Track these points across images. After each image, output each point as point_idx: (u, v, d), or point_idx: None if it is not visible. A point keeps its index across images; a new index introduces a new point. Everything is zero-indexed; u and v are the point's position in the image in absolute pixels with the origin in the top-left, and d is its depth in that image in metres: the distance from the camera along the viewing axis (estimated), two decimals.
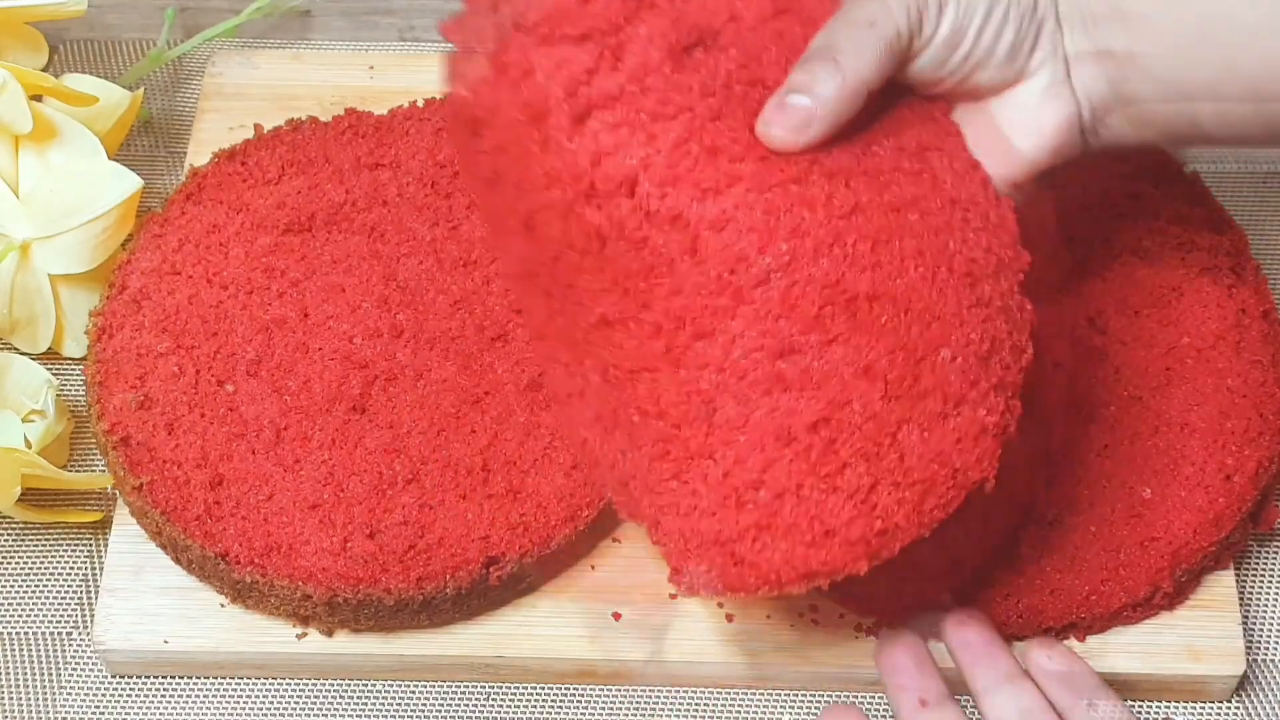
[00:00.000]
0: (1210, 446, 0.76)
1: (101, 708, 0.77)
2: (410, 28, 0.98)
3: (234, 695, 0.77)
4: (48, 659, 0.79)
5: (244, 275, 0.81)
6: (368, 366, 0.78)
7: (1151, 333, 0.79)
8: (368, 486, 0.75)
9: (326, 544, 0.74)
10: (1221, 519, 0.75)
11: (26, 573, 0.81)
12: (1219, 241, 0.81)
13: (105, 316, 0.80)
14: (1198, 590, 0.76)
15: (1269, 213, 0.91)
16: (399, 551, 0.74)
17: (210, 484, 0.75)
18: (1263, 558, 0.81)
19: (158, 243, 0.82)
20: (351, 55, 0.95)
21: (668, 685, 0.77)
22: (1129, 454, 0.76)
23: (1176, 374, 0.78)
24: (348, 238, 0.82)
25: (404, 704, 0.77)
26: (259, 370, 0.78)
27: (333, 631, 0.76)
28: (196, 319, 0.80)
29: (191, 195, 0.84)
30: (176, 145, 0.94)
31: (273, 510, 0.75)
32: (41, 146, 0.83)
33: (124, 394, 0.77)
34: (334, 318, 0.80)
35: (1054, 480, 0.76)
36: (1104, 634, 0.75)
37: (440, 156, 0.85)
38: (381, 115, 0.87)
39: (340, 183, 0.84)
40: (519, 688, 0.77)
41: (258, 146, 0.85)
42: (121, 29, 0.98)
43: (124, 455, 0.76)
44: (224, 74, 0.93)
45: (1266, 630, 0.79)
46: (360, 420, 0.77)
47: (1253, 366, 0.78)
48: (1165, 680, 0.75)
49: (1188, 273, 0.81)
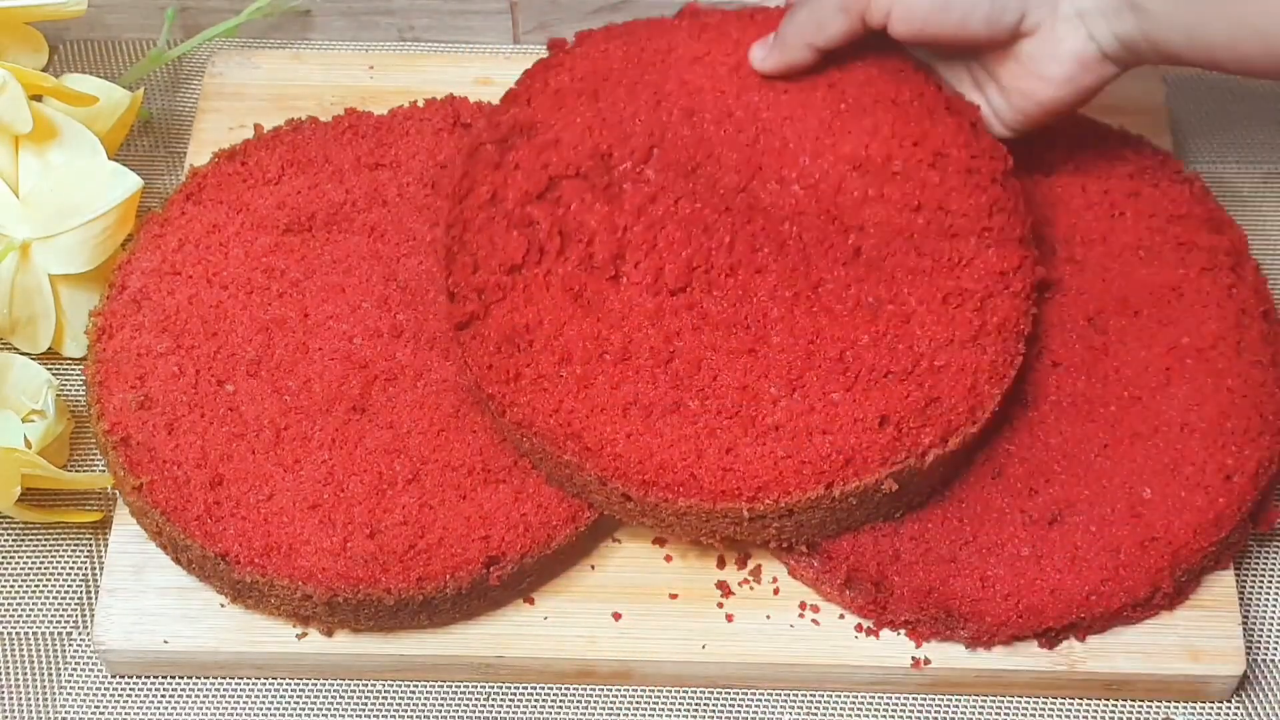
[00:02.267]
0: (1210, 446, 0.76)
1: (101, 708, 0.77)
2: (410, 28, 0.98)
3: (234, 695, 0.77)
4: (48, 659, 0.79)
5: (244, 275, 0.81)
6: (368, 366, 0.78)
7: (1151, 333, 0.79)
8: (368, 486, 0.75)
9: (326, 544, 0.74)
10: (1221, 519, 0.75)
11: (26, 573, 0.81)
12: (1219, 241, 0.81)
13: (105, 316, 0.80)
14: (1198, 590, 0.76)
15: (1269, 213, 0.91)
16: (399, 551, 0.74)
17: (210, 484, 0.75)
18: (1263, 558, 0.81)
19: (158, 243, 0.82)
20: (351, 55, 0.95)
21: (668, 685, 0.77)
22: (1129, 454, 0.76)
23: (1176, 374, 0.78)
24: (348, 238, 0.82)
25: (404, 704, 0.77)
26: (259, 370, 0.78)
27: (333, 631, 0.76)
28: (196, 319, 0.80)
29: (191, 195, 0.84)
30: (176, 145, 0.94)
31: (273, 510, 0.75)
32: (41, 146, 0.83)
33: (124, 394, 0.77)
34: (334, 318, 0.80)
35: (1054, 480, 0.76)
36: (1104, 634, 0.75)
37: (440, 157, 0.85)
38: (381, 115, 0.87)
39: (340, 183, 0.84)
40: (519, 688, 0.77)
41: (258, 146, 0.85)
42: (121, 29, 0.98)
43: (124, 455, 0.76)
44: (224, 74, 0.93)
45: (1266, 630, 0.79)
46: (360, 420, 0.77)
47: (1253, 366, 0.78)
48: (1165, 680, 0.75)
49: (1188, 273, 0.81)
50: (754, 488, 0.71)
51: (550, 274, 0.76)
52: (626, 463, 0.72)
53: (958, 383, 0.74)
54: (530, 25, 0.97)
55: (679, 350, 0.74)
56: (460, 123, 0.86)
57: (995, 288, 0.76)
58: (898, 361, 0.74)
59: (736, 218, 0.77)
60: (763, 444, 0.72)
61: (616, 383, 0.73)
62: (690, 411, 0.73)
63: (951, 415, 0.73)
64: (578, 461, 0.72)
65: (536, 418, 0.73)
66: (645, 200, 0.77)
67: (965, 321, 0.75)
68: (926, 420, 0.73)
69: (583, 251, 0.76)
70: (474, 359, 0.75)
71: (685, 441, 0.72)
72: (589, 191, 0.77)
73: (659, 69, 0.82)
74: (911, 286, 0.76)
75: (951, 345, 0.74)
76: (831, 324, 0.75)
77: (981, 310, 0.75)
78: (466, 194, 0.78)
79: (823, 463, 0.72)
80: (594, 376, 0.74)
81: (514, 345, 0.74)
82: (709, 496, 0.71)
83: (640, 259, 0.76)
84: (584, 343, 0.74)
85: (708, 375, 0.74)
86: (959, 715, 0.76)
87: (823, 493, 0.71)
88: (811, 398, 0.73)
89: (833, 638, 0.76)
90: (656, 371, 0.74)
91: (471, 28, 0.97)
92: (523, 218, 0.77)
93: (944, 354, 0.74)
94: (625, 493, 0.72)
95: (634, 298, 0.75)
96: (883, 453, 0.72)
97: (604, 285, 0.76)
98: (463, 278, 0.76)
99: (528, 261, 0.76)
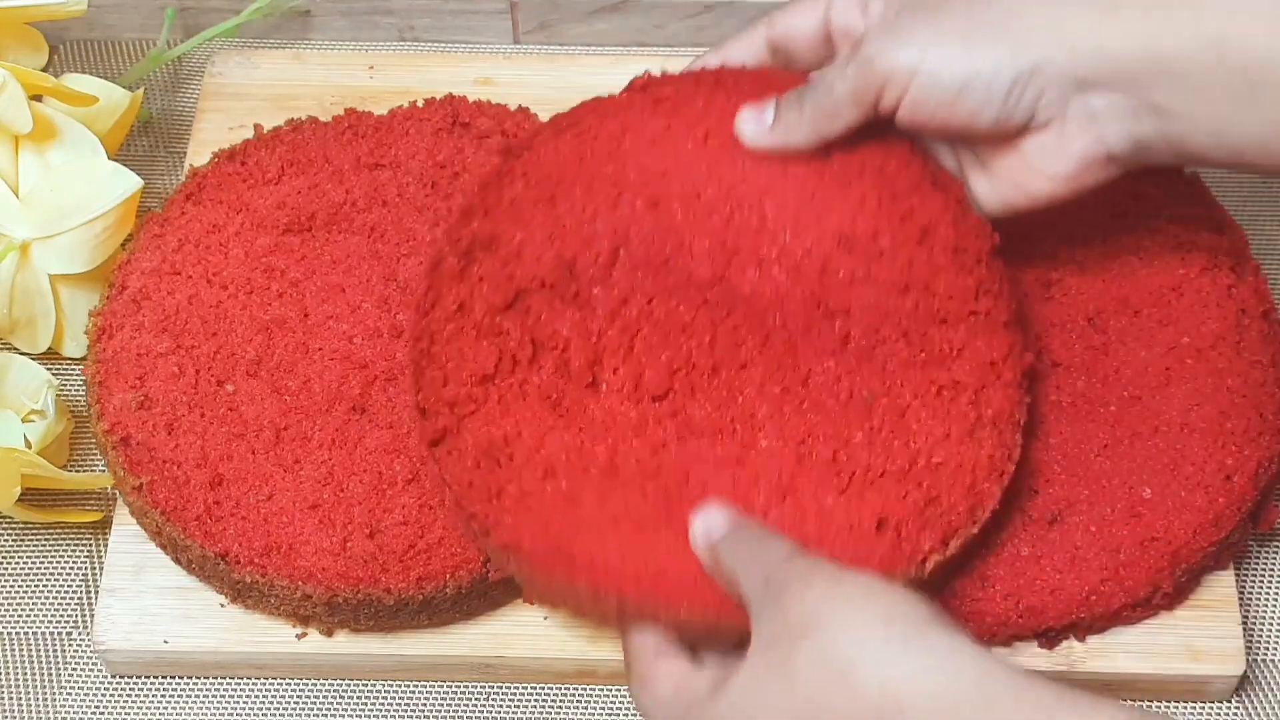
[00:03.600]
0: (1210, 446, 0.76)
1: (101, 708, 0.77)
2: (410, 28, 0.98)
3: (234, 695, 0.77)
4: (48, 659, 0.79)
5: (244, 275, 0.81)
6: (368, 366, 0.78)
7: (1151, 333, 0.79)
8: (368, 486, 0.75)
9: (326, 544, 0.74)
10: (1221, 519, 0.75)
11: (26, 573, 0.81)
12: (1219, 241, 0.81)
13: (105, 316, 0.80)
14: (1198, 590, 0.76)
15: (1269, 213, 0.91)
16: (399, 551, 0.74)
17: (210, 484, 0.75)
18: (1263, 558, 0.81)
19: (158, 243, 0.82)
20: (351, 55, 0.95)
21: None
22: (1129, 454, 0.76)
23: (1176, 374, 0.78)
24: (348, 238, 0.82)
25: (404, 704, 0.77)
26: (259, 370, 0.78)
27: (333, 631, 0.76)
28: (196, 319, 0.80)
29: (191, 195, 0.84)
30: (176, 145, 0.94)
31: (273, 510, 0.75)
32: (41, 146, 0.83)
33: (124, 394, 0.77)
34: (334, 318, 0.80)
35: (1054, 480, 0.76)
36: (1104, 634, 0.75)
37: (440, 157, 0.85)
38: (381, 115, 0.87)
39: (340, 183, 0.84)
40: (519, 688, 0.77)
41: (258, 146, 0.85)
42: (121, 29, 0.98)
43: (124, 455, 0.76)
44: (224, 74, 0.93)
45: (1266, 630, 0.79)
46: (360, 420, 0.77)
47: (1253, 366, 0.78)
48: (1165, 680, 0.75)
49: (1188, 273, 0.81)
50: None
51: (525, 383, 0.72)
52: (621, 576, 0.67)
53: (956, 480, 0.70)
54: (530, 25, 0.97)
55: (665, 463, 0.70)
56: (459, 122, 0.86)
57: (988, 379, 0.72)
58: (894, 460, 0.70)
59: (715, 311, 0.72)
60: None
61: (604, 498, 0.69)
62: (681, 527, 0.68)
63: (951, 516, 0.69)
64: (569, 579, 0.68)
65: (523, 539, 0.69)
66: (617, 304, 0.73)
67: (961, 415, 0.71)
68: (926, 523, 0.69)
69: (557, 359, 0.72)
70: (452, 476, 0.70)
71: (680, 555, 0.68)
72: (558, 300, 0.73)
73: (614, 159, 0.75)
74: (905, 378, 0.71)
75: (948, 440, 0.70)
76: (823, 421, 0.71)
77: (976, 403, 0.71)
78: (432, 307, 0.74)
79: None
80: (580, 491, 0.70)
81: (493, 460, 0.70)
82: (713, 611, 0.67)
83: (618, 365, 0.72)
84: (567, 455, 0.70)
85: (696, 489, 0.69)
86: None
87: None
88: (804, 505, 0.69)
89: None
90: (646, 486, 0.70)
91: (471, 28, 0.97)
92: (492, 327, 0.73)
93: (941, 450, 0.70)
94: (620, 605, 0.68)
95: (615, 406, 0.72)
96: (881, 563, 0.68)
97: (582, 393, 0.72)
98: (433, 392, 0.72)
99: (500, 371, 0.72)
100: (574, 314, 0.73)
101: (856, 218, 0.73)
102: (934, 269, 0.73)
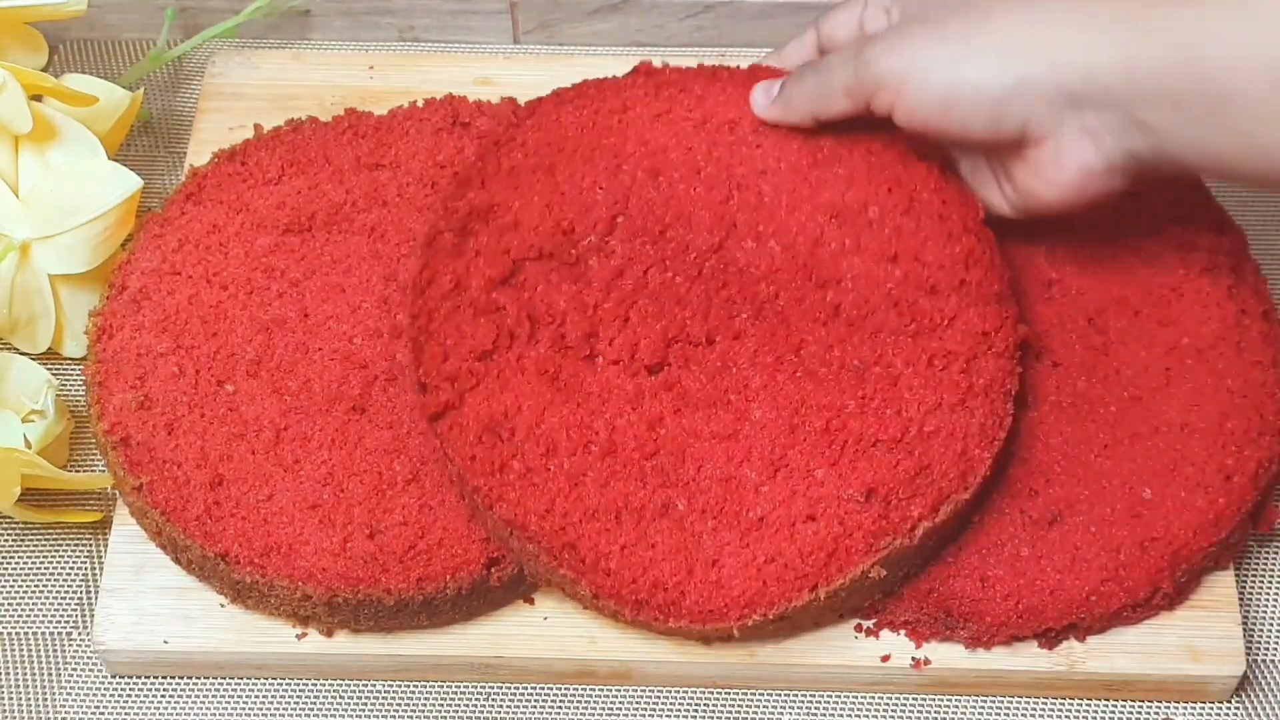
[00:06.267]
0: (1210, 446, 0.76)
1: (101, 708, 0.77)
2: (410, 28, 0.98)
3: (234, 695, 0.77)
4: (48, 659, 0.79)
5: (244, 275, 0.81)
6: (368, 366, 0.78)
7: (1151, 333, 0.79)
8: (368, 486, 0.75)
9: (326, 544, 0.74)
10: (1221, 519, 0.75)
11: (26, 573, 0.81)
12: (1219, 241, 0.81)
13: (105, 316, 0.80)
14: (1198, 590, 0.76)
15: (1269, 213, 0.91)
16: (399, 552, 0.74)
17: (210, 484, 0.75)
18: (1263, 558, 0.81)
19: (158, 243, 0.82)
20: (351, 55, 0.95)
21: (668, 685, 0.77)
22: (1129, 454, 0.76)
23: (1176, 374, 0.78)
24: (348, 238, 0.82)
25: (404, 704, 0.77)
26: (259, 370, 0.78)
27: (333, 632, 0.76)
28: (196, 319, 0.80)
29: (191, 195, 0.84)
30: (176, 145, 0.94)
31: (273, 510, 0.75)
32: (41, 146, 0.83)
33: (124, 394, 0.77)
34: (334, 318, 0.80)
35: (1054, 480, 0.76)
36: (1104, 634, 0.75)
37: (440, 157, 0.85)
38: (381, 115, 0.87)
39: (340, 183, 0.84)
40: (519, 688, 0.77)
41: (258, 146, 0.85)
42: (121, 29, 0.98)
43: (124, 455, 0.76)
44: (224, 74, 0.93)
45: (1266, 630, 0.79)
46: (360, 420, 0.77)
47: (1253, 366, 0.78)
48: (1165, 680, 0.75)
49: (1188, 273, 0.81)
50: (741, 605, 0.70)
51: (523, 358, 0.73)
52: (621, 581, 0.70)
53: (948, 448, 0.72)
54: (530, 25, 0.97)
55: (663, 440, 0.72)
56: (459, 122, 0.86)
57: (979, 349, 0.74)
58: (886, 428, 0.72)
59: (710, 283, 0.75)
60: (747, 547, 0.70)
61: (605, 480, 0.71)
62: (679, 514, 0.71)
63: (942, 483, 0.71)
64: (573, 576, 0.70)
65: (529, 519, 0.71)
66: (613, 274, 0.75)
67: (952, 384, 0.73)
68: (916, 490, 0.71)
69: (554, 333, 0.74)
70: (455, 451, 0.72)
71: (676, 555, 0.70)
72: (554, 271, 0.75)
73: (617, 131, 0.78)
74: (896, 347, 0.73)
75: (940, 409, 0.72)
76: (816, 390, 0.73)
77: (968, 372, 0.73)
78: (429, 284, 0.75)
79: (806, 563, 0.70)
80: (582, 473, 0.72)
81: (495, 435, 0.72)
82: (699, 618, 0.70)
83: (614, 336, 0.74)
84: (567, 432, 0.72)
85: (692, 467, 0.72)
86: (959, 715, 0.76)
87: (809, 597, 0.70)
88: (795, 479, 0.71)
89: (832, 638, 0.76)
90: (644, 466, 0.72)
91: (471, 28, 0.97)
92: (489, 304, 0.74)
93: (933, 418, 0.72)
94: (617, 610, 0.71)
95: (612, 379, 0.73)
96: (868, 537, 0.70)
97: (579, 366, 0.73)
98: (433, 367, 0.74)
99: (499, 347, 0.74)
100: (570, 286, 0.75)
101: (846, 190, 0.76)
102: (921, 238, 0.75)
